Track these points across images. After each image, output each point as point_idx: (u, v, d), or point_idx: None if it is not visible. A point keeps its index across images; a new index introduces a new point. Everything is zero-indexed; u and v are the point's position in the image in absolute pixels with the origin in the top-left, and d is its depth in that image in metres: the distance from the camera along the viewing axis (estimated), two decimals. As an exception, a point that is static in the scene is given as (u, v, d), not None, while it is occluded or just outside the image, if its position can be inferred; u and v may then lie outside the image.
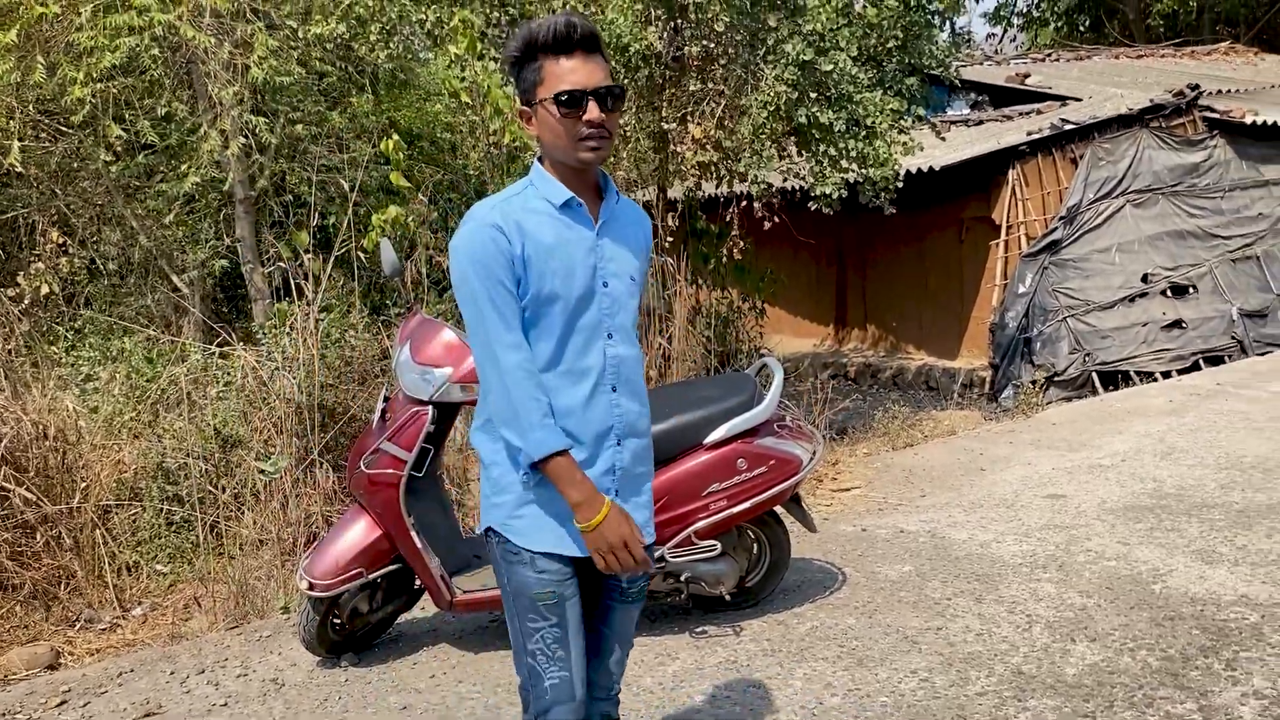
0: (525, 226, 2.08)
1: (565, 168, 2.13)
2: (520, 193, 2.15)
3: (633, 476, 2.24)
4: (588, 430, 2.15)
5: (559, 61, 2.05)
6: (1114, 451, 6.35)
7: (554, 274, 2.08)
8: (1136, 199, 10.08)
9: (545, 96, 2.06)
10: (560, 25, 2.04)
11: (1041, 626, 3.93)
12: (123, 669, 4.14)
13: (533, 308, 2.10)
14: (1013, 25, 24.03)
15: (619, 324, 2.18)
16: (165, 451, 6.04)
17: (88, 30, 7.58)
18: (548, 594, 2.15)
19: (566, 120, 2.05)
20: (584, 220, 2.15)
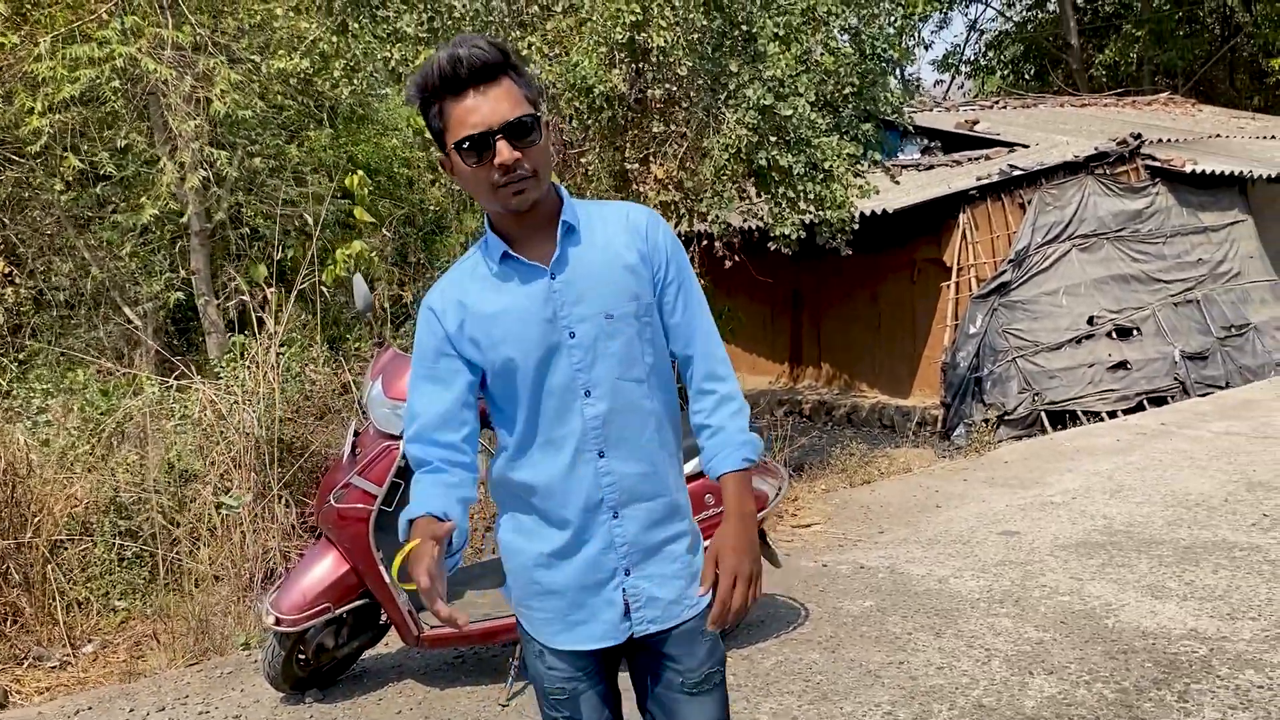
0: (466, 301, 1.91)
1: (503, 214, 1.90)
2: (471, 257, 1.98)
3: (647, 547, 1.96)
4: (572, 506, 1.92)
5: (458, 102, 1.80)
6: (1065, 489, 6.50)
7: (504, 341, 1.89)
8: (1082, 243, 10.36)
9: (450, 144, 1.82)
10: (444, 61, 1.79)
11: (1000, 660, 4.01)
12: (80, 706, 4.07)
13: (497, 383, 1.94)
14: (960, 73, 24.66)
15: (597, 377, 1.90)
16: (119, 486, 5.96)
17: (47, 61, 7.55)
18: (558, 689, 1.99)
19: (478, 169, 1.81)
20: (529, 271, 1.90)
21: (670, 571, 1.97)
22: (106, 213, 9.36)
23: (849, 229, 7.30)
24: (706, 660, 1.99)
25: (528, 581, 1.98)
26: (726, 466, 1.97)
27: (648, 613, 1.96)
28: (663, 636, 1.97)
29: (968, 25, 35.18)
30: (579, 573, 1.95)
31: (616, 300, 1.91)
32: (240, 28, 8.65)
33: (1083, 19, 21.81)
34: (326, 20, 7.51)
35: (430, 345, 1.94)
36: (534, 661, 2.02)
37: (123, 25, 7.55)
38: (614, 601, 1.95)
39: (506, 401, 1.94)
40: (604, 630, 1.96)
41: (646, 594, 1.95)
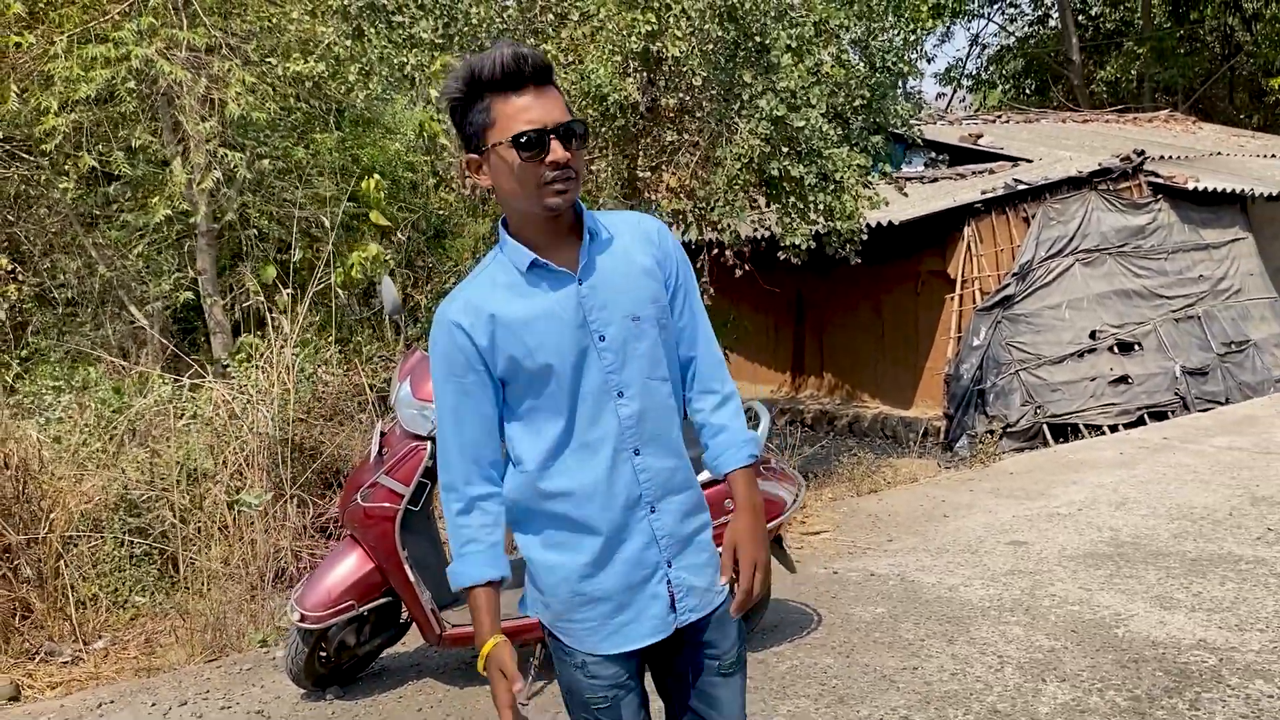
0: (496, 312, 1.91)
1: (529, 220, 1.92)
2: (489, 266, 1.98)
3: (683, 538, 2.01)
4: (614, 505, 1.95)
5: (510, 99, 1.83)
6: (1070, 501, 6.55)
7: (540, 348, 1.90)
8: (1085, 258, 10.45)
9: (499, 140, 1.84)
10: (507, 57, 1.82)
11: (1013, 667, 4.06)
12: (101, 700, 4.10)
13: (528, 392, 1.93)
14: (962, 86, 24.80)
15: (628, 378, 1.94)
16: (129, 483, 5.98)
17: (63, 61, 7.59)
18: (600, 698, 1.98)
19: (528, 164, 1.84)
20: (558, 278, 1.93)
21: (702, 560, 2.03)
22: (113, 212, 9.40)
23: (858, 240, 7.37)
24: (737, 641, 2.08)
25: (570, 595, 1.97)
26: (735, 463, 2.06)
27: (690, 601, 2.01)
28: (701, 624, 2.03)
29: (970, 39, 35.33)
30: (624, 573, 1.97)
31: (640, 303, 1.96)
32: (250, 30, 8.70)
33: (1084, 35, 21.97)
34: (342, 25, 7.56)
35: (459, 360, 1.92)
36: (573, 674, 2.00)
37: (138, 26, 7.59)
38: (659, 595, 1.98)
39: (535, 413, 1.95)
40: (653, 626, 1.99)
41: (687, 584, 2.00)
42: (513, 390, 1.95)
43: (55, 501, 5.85)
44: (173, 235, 9.33)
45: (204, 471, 5.98)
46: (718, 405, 2.08)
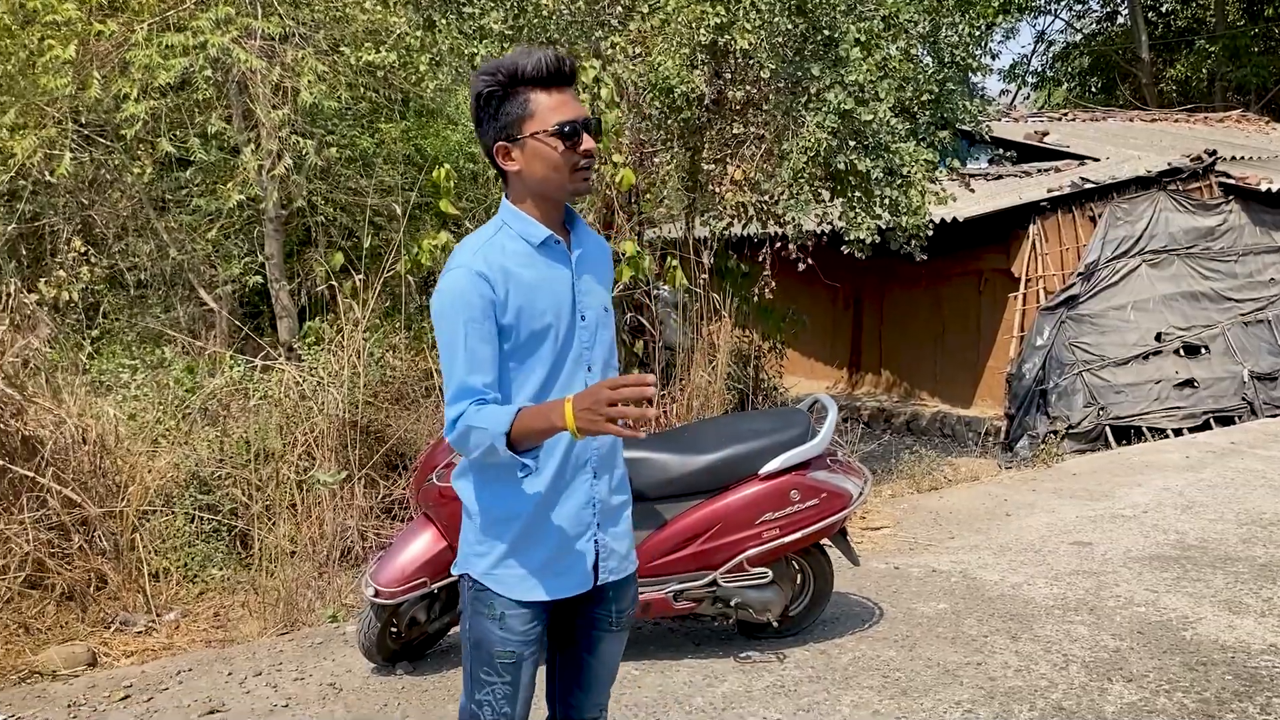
0: (509, 268, 2.09)
1: (544, 202, 2.14)
2: (496, 234, 2.15)
3: (611, 508, 2.26)
4: (570, 464, 2.17)
5: (550, 94, 2.07)
6: (1134, 503, 6.48)
7: (545, 311, 2.11)
8: (1153, 259, 10.28)
9: (539, 129, 2.06)
10: (552, 59, 2.06)
11: (1078, 665, 4.05)
12: (180, 668, 4.23)
13: (526, 345, 2.11)
14: (1026, 84, 24.45)
15: (596, 356, 2.20)
16: (200, 461, 6.13)
17: (143, 49, 7.77)
18: (508, 653, 2.16)
19: (566, 151, 2.07)
20: (562, 256, 2.16)
21: (622, 531, 2.30)
22: (183, 197, 9.60)
23: (924, 235, 7.33)
24: (632, 603, 2.36)
25: (515, 536, 2.14)
26: None
27: (610, 564, 2.26)
28: (613, 584, 2.28)
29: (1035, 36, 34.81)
30: (563, 525, 2.18)
31: (606, 298, 2.26)
32: (317, 21, 8.84)
33: (1154, 33, 21.55)
34: (414, 15, 7.67)
35: (479, 306, 2.06)
36: (487, 626, 2.17)
37: (215, 15, 7.75)
38: (586, 552, 2.21)
39: (527, 366, 2.13)
40: (577, 580, 2.21)
41: (610, 547, 2.26)
42: (516, 343, 2.12)
43: (131, 477, 6.01)
44: (241, 220, 9.52)
45: (273, 451, 6.11)
46: None
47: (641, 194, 8.35)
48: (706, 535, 3.99)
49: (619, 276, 6.58)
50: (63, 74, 7.68)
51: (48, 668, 4.51)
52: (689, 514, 4.00)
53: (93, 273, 9.41)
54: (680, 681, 3.96)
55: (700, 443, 4.11)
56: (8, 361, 5.78)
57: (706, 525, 3.99)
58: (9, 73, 8.14)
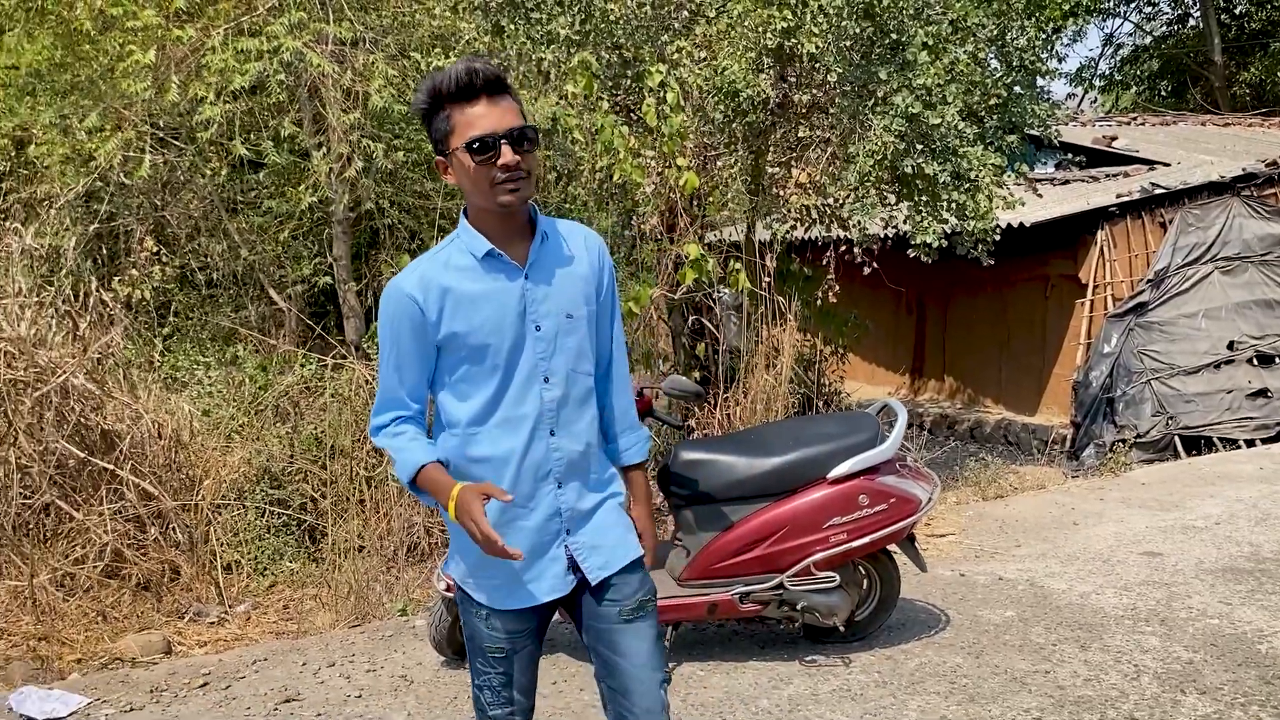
0: (446, 286, 2.11)
1: (487, 215, 2.14)
2: (446, 247, 2.18)
3: (583, 513, 2.24)
4: (525, 478, 2.17)
5: (465, 109, 2.06)
6: (1206, 514, 6.36)
7: (481, 326, 2.12)
8: (1225, 266, 10.07)
9: (457, 145, 2.07)
10: (461, 73, 2.06)
11: (1150, 677, 3.99)
12: (255, 657, 4.34)
13: (465, 364, 2.14)
14: (1094, 87, 24.04)
15: (556, 366, 2.17)
16: (271, 456, 6.26)
17: (219, 53, 7.96)
18: (496, 648, 2.23)
19: (481, 167, 2.06)
20: (507, 268, 2.15)
21: (605, 524, 2.27)
22: (254, 198, 9.80)
23: (991, 240, 7.26)
24: (639, 589, 2.27)
25: (479, 555, 2.14)
26: (639, 458, 2.42)
27: (594, 560, 2.24)
28: (612, 576, 2.25)
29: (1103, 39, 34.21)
30: (531, 536, 2.19)
31: (575, 303, 2.21)
32: (385, 26, 8.99)
33: (1227, 35, 21.07)
34: (482, 21, 7.77)
35: (407, 327, 2.13)
36: (476, 624, 2.24)
37: (289, 20, 7.92)
38: (559, 558, 2.22)
39: (469, 382, 2.16)
40: (551, 585, 2.22)
41: (589, 546, 2.24)
42: (449, 359, 2.16)
43: (204, 471, 6.17)
44: (311, 222, 9.71)
45: (342, 448, 6.22)
46: (628, 405, 2.40)
47: (704, 197, 8.37)
48: (774, 538, 4.00)
49: (681, 279, 6.61)
50: (142, 78, 7.89)
51: (126, 655, 4.66)
52: (756, 516, 4.02)
53: (165, 272, 9.66)
54: (746, 683, 3.98)
55: (768, 445, 4.13)
56: (88, 358, 5.97)
57: (774, 528, 4.00)
58: (91, 77, 8.39)
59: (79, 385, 5.64)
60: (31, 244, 7.82)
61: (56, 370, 5.51)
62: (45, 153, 8.76)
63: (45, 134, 8.64)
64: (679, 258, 6.77)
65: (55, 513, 5.39)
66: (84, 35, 8.16)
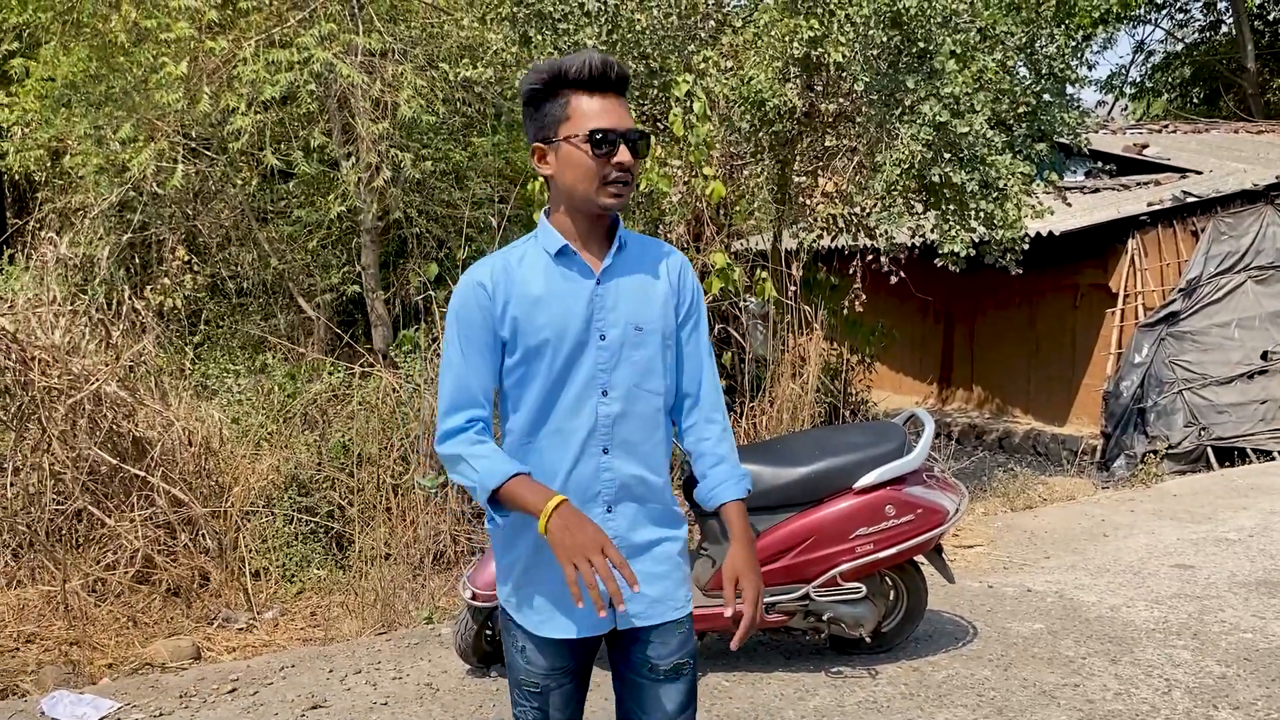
0: (515, 282, 2.02)
1: (575, 214, 2.04)
2: (522, 245, 2.09)
3: (634, 545, 2.08)
4: (571, 496, 1.99)
5: (590, 99, 1.96)
6: (1239, 526, 6.28)
7: (544, 327, 2.00)
8: (1258, 275, 9.95)
9: (573, 133, 1.96)
10: (596, 62, 1.95)
11: (1181, 691, 3.94)
12: (284, 664, 4.36)
13: (524, 363, 2.03)
14: (1124, 95, 23.85)
15: (617, 380, 2.04)
16: (300, 464, 6.30)
17: (250, 64, 8.05)
18: (531, 683, 2.09)
19: (597, 160, 1.96)
20: (581, 268, 2.04)
21: (658, 571, 2.09)
22: (284, 208, 9.90)
23: (1019, 249, 7.21)
24: (678, 651, 2.11)
25: (521, 572, 2.06)
26: (731, 495, 2.14)
27: (634, 606, 2.06)
28: (644, 631, 2.09)
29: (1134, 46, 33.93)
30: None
31: (646, 317, 2.06)
32: (414, 37, 9.06)
33: (1260, 42, 20.85)
34: (510, 32, 7.81)
35: (478, 318, 2.01)
36: (514, 654, 2.11)
37: (319, 32, 7.99)
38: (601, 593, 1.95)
39: (525, 385, 2.04)
40: (590, 623, 2.05)
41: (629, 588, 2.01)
42: (509, 359, 2.04)
43: (234, 478, 6.22)
44: (340, 231, 9.78)
45: (370, 456, 6.26)
46: (720, 436, 2.18)
47: (731, 206, 8.37)
48: (800, 548, 3.98)
49: (708, 288, 6.61)
50: (174, 89, 7.99)
51: (156, 660, 4.69)
52: (782, 526, 4.00)
53: (196, 281, 9.77)
54: (771, 694, 3.96)
55: (794, 455, 4.11)
56: (121, 366, 6.04)
57: (800, 538, 3.99)
58: (125, 89, 8.50)
59: (111, 393, 5.71)
60: (66, 253, 7.95)
61: (90, 378, 5.58)
62: (80, 163, 8.90)
63: (80, 145, 8.78)
64: (705, 267, 6.77)
65: (87, 519, 5.45)
66: (118, 47, 8.28)
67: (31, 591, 5.12)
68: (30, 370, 5.44)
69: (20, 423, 5.59)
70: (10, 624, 4.85)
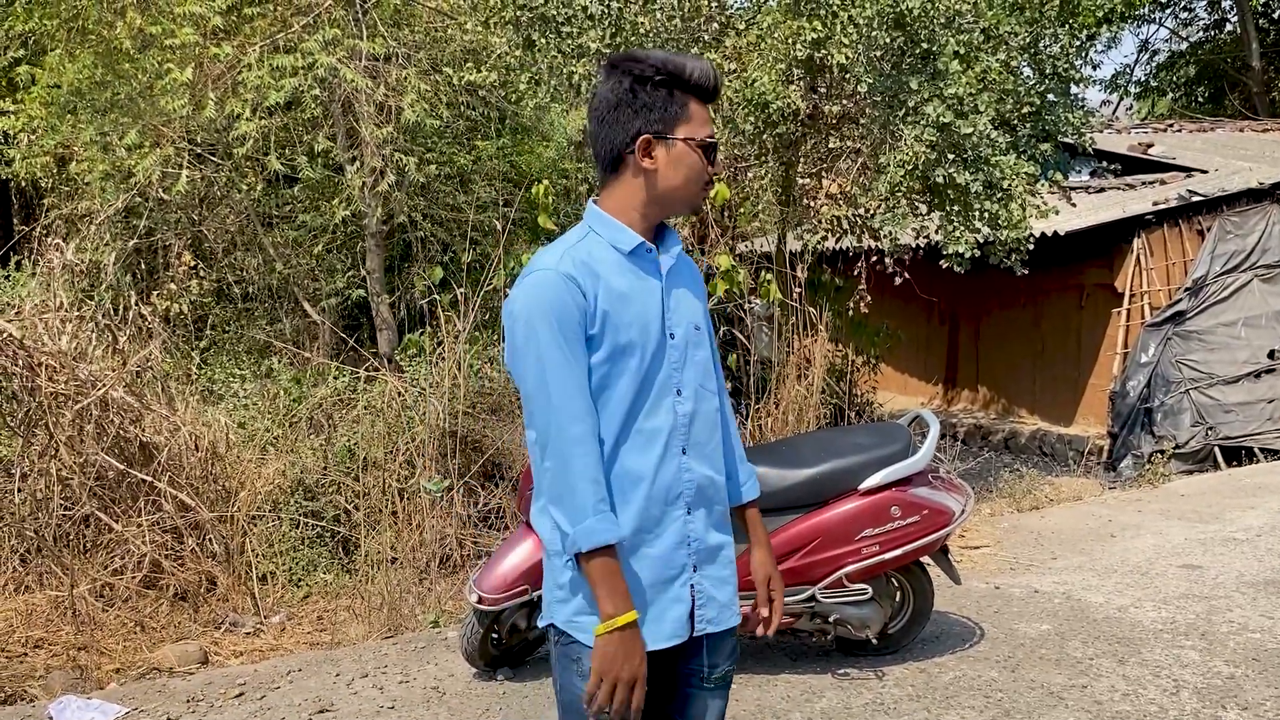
0: (599, 273, 1.94)
1: (655, 211, 2.02)
2: (583, 239, 2.00)
3: (710, 548, 2.03)
4: (657, 499, 1.96)
5: (702, 107, 1.99)
6: (1247, 526, 6.26)
7: (630, 324, 1.94)
8: (1265, 274, 9.92)
9: (690, 136, 1.97)
10: (716, 75, 1.99)
11: (1190, 692, 3.93)
12: (290, 668, 4.37)
13: (608, 363, 1.94)
14: (1129, 94, 23.81)
15: (686, 379, 2.01)
16: (306, 468, 6.31)
17: (255, 70, 8.07)
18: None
19: (704, 166, 2.00)
20: (653, 267, 2.02)
21: (724, 576, 2.06)
22: (289, 213, 9.92)
23: (1024, 249, 7.20)
24: (729, 659, 2.11)
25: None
26: (753, 494, 2.22)
27: (708, 612, 2.02)
28: (710, 636, 2.05)
29: (1138, 45, 33.87)
30: (653, 567, 1.96)
31: (699, 315, 2.09)
32: (418, 41, 9.08)
33: (1265, 40, 20.80)
34: (514, 35, 7.82)
35: (573, 315, 1.89)
36: (577, 682, 1.93)
37: (323, 37, 8.01)
38: (683, 598, 1.98)
39: (609, 385, 1.94)
40: (672, 629, 1.97)
41: (708, 594, 2.02)
42: (594, 354, 1.94)
43: (240, 483, 6.23)
44: (345, 235, 9.80)
45: (375, 460, 6.27)
46: (735, 433, 2.24)
47: (735, 208, 8.37)
48: (805, 550, 3.98)
49: (713, 290, 6.61)
50: (180, 95, 8.01)
51: (164, 664, 4.70)
52: (787, 528, 4.00)
53: (202, 286, 9.79)
54: (778, 696, 3.96)
55: (799, 457, 4.11)
56: (127, 371, 6.06)
57: (805, 540, 3.99)
58: (130, 95, 8.53)
59: (118, 398, 5.72)
60: (72, 259, 7.96)
61: (96, 383, 5.59)
62: (86, 170, 8.92)
63: (86, 151, 8.80)
64: (710, 269, 6.77)
65: (95, 524, 5.47)
66: (124, 54, 8.31)
67: (39, 597, 5.14)
68: (37, 376, 5.46)
69: (28, 428, 5.60)
70: (18, 629, 4.86)
